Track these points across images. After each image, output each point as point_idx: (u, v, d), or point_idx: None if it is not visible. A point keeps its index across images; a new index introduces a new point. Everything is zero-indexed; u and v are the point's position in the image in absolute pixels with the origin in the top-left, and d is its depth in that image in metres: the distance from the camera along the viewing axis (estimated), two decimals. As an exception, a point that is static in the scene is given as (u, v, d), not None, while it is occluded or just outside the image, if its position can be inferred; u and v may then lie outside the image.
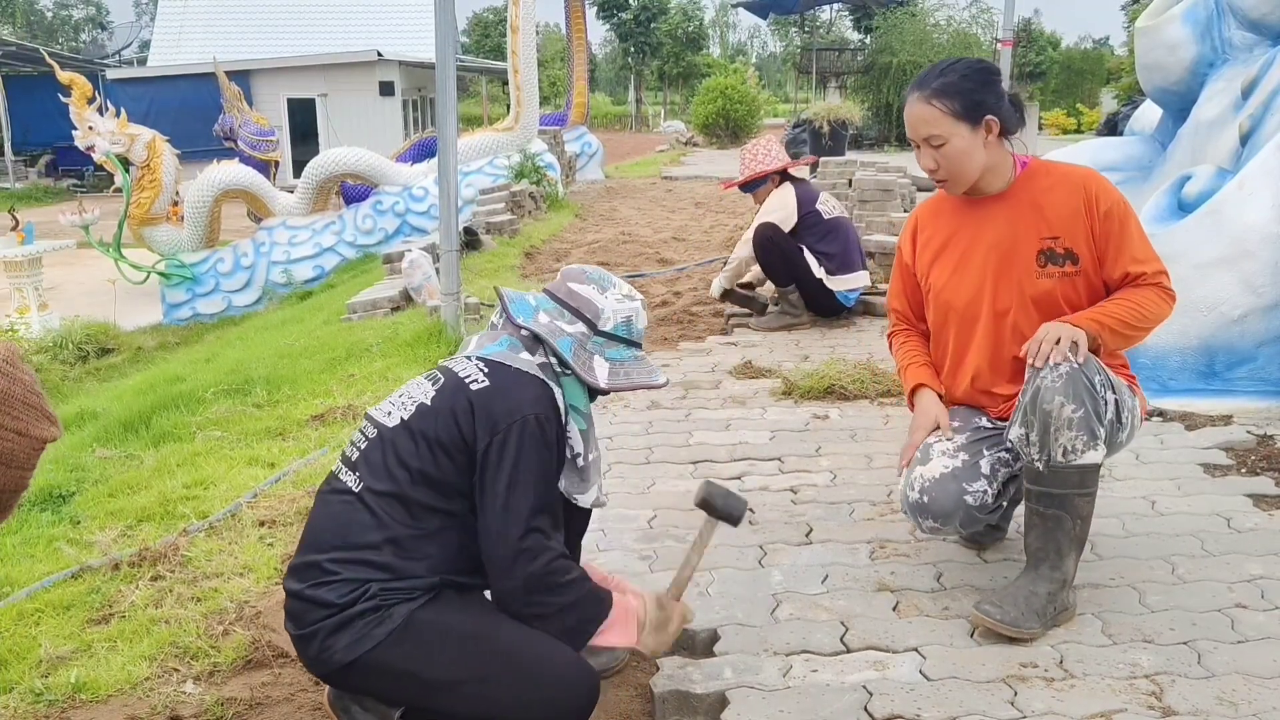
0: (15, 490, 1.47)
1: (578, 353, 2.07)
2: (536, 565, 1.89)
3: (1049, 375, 2.27)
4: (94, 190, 21.01)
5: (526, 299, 2.16)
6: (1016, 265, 2.47)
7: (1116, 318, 2.37)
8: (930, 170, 2.50)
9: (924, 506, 2.47)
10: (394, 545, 1.92)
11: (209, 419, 4.55)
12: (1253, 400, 3.81)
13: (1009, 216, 2.50)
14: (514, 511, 1.90)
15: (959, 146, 2.43)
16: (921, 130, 2.46)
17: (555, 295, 2.14)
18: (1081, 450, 2.28)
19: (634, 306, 2.15)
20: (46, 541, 3.15)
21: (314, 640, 1.90)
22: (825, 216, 5.41)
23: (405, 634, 1.88)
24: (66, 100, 10.61)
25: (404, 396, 2.07)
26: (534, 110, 13.06)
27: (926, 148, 2.47)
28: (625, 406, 4.26)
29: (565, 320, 2.10)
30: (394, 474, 1.96)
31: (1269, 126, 4.12)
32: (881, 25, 27.25)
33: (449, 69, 5.22)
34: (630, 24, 47.83)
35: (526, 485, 1.91)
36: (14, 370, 1.45)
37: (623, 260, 8.04)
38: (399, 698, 1.98)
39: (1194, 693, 2.09)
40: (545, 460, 1.97)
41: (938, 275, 2.61)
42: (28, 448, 1.44)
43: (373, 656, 1.87)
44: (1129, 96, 21.84)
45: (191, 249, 11.00)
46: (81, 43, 51.47)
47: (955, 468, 2.47)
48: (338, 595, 1.89)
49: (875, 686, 2.14)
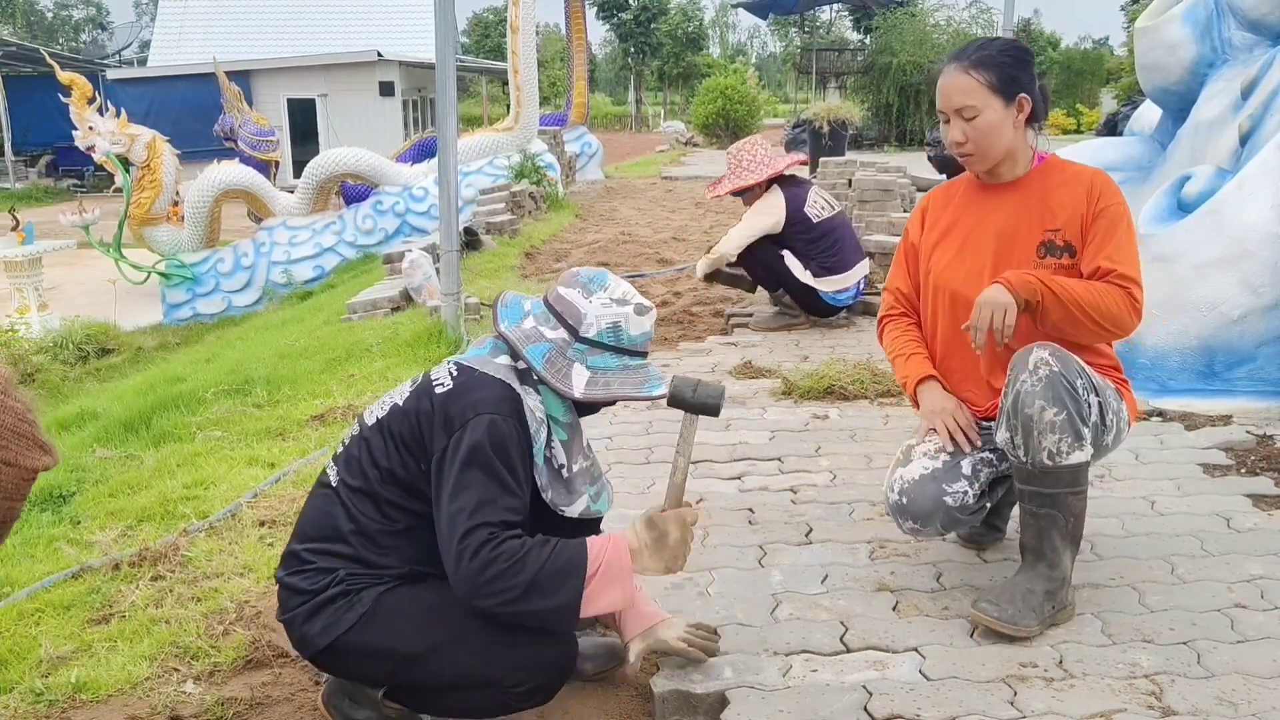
0: (5, 521, 1.44)
1: (554, 360, 2.01)
2: (475, 560, 1.84)
3: (1028, 379, 2.26)
4: (94, 190, 21.02)
5: (522, 303, 2.14)
6: (1016, 254, 2.47)
7: (1067, 290, 2.31)
8: (958, 143, 2.48)
9: (903, 508, 2.47)
10: (364, 538, 1.98)
11: (209, 419, 4.55)
12: (1252, 400, 3.81)
13: (1017, 206, 2.49)
14: (457, 516, 1.87)
15: (990, 120, 2.42)
16: (956, 100, 2.44)
17: (547, 299, 2.12)
18: (1068, 451, 2.28)
19: (623, 312, 2.05)
20: (47, 541, 3.16)
21: (294, 626, 2.00)
22: (815, 220, 5.31)
23: (375, 615, 1.94)
24: (67, 100, 10.62)
25: (387, 396, 2.11)
26: (534, 110, 13.06)
27: (957, 119, 2.45)
28: (625, 406, 4.26)
29: (549, 326, 2.05)
30: (366, 472, 2.00)
31: (1269, 126, 4.12)
32: (881, 25, 27.27)
33: (449, 69, 5.22)
34: (630, 24, 47.84)
35: (473, 489, 1.88)
36: (4, 399, 1.40)
37: (623, 260, 8.04)
38: (380, 675, 2.01)
39: (1194, 693, 2.09)
40: (498, 463, 1.91)
41: (939, 256, 2.60)
42: (16, 478, 1.40)
43: (348, 639, 1.94)
44: (1129, 96, 21.82)
45: (192, 249, 11.01)
46: (81, 43, 51.49)
47: (935, 469, 2.46)
48: (310, 583, 1.97)
49: (875, 686, 2.14)
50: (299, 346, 6.25)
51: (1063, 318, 2.34)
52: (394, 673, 1.99)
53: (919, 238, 2.69)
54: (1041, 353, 2.29)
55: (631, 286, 2.14)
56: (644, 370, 2.10)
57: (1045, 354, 2.28)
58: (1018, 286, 2.31)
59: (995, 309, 2.29)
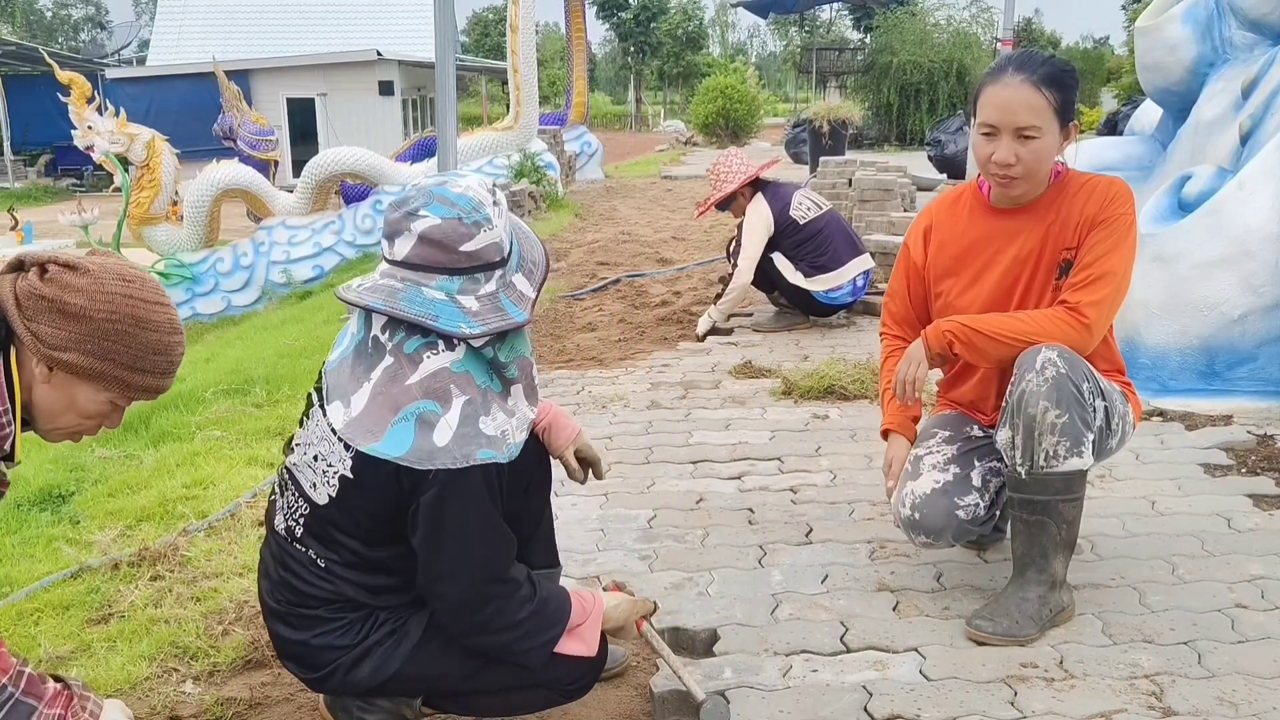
0: (184, 353, 1.81)
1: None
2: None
3: (1035, 379, 2.22)
4: (93, 190, 21.01)
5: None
6: (1037, 281, 2.38)
7: (1000, 329, 2.29)
8: (1005, 165, 2.27)
9: (916, 523, 2.44)
10: (386, 593, 1.88)
11: (209, 419, 4.55)
12: (1253, 400, 3.81)
13: (1035, 230, 2.37)
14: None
15: (1049, 144, 2.26)
16: (1023, 117, 2.22)
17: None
18: (1064, 456, 2.25)
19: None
20: (46, 541, 3.15)
21: (333, 677, 1.87)
22: (802, 222, 5.29)
23: (427, 643, 1.85)
24: (66, 100, 10.60)
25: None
26: (534, 110, 13.06)
27: (1013, 139, 2.24)
28: (625, 406, 4.26)
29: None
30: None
31: (1269, 126, 4.12)
32: (881, 25, 27.23)
33: (449, 69, 5.22)
34: (630, 24, 47.86)
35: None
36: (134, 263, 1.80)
37: (623, 260, 8.04)
38: (434, 690, 1.96)
39: (1194, 693, 2.09)
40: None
41: (953, 286, 2.50)
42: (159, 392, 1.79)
43: (401, 673, 1.85)
44: (1129, 96, 21.81)
45: (191, 249, 11.00)
46: (81, 42, 51.49)
47: (946, 482, 2.44)
48: (351, 638, 1.85)
49: (875, 686, 2.14)
50: (299, 346, 6.25)
51: (1003, 354, 2.32)
52: (446, 689, 1.93)
53: (922, 259, 2.57)
54: (1050, 353, 2.24)
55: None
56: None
57: (1053, 354, 2.23)
58: (929, 339, 2.36)
59: (909, 363, 2.38)
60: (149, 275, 1.80)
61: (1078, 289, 2.30)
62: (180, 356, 1.79)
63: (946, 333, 2.34)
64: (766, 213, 5.30)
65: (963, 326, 2.33)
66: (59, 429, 1.76)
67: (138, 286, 1.72)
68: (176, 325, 1.77)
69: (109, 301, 1.68)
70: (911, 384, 2.39)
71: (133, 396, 1.77)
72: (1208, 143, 4.60)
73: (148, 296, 1.73)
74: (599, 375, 4.79)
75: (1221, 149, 4.43)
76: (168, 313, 1.75)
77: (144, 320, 1.71)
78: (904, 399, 2.44)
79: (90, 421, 1.77)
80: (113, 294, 1.68)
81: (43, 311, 1.66)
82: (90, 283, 1.68)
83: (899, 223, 7.23)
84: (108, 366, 1.69)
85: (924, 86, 24.86)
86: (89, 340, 1.67)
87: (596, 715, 2.18)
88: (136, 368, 1.72)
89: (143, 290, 1.72)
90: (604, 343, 5.41)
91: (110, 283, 1.69)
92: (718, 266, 7.25)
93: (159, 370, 1.75)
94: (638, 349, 5.26)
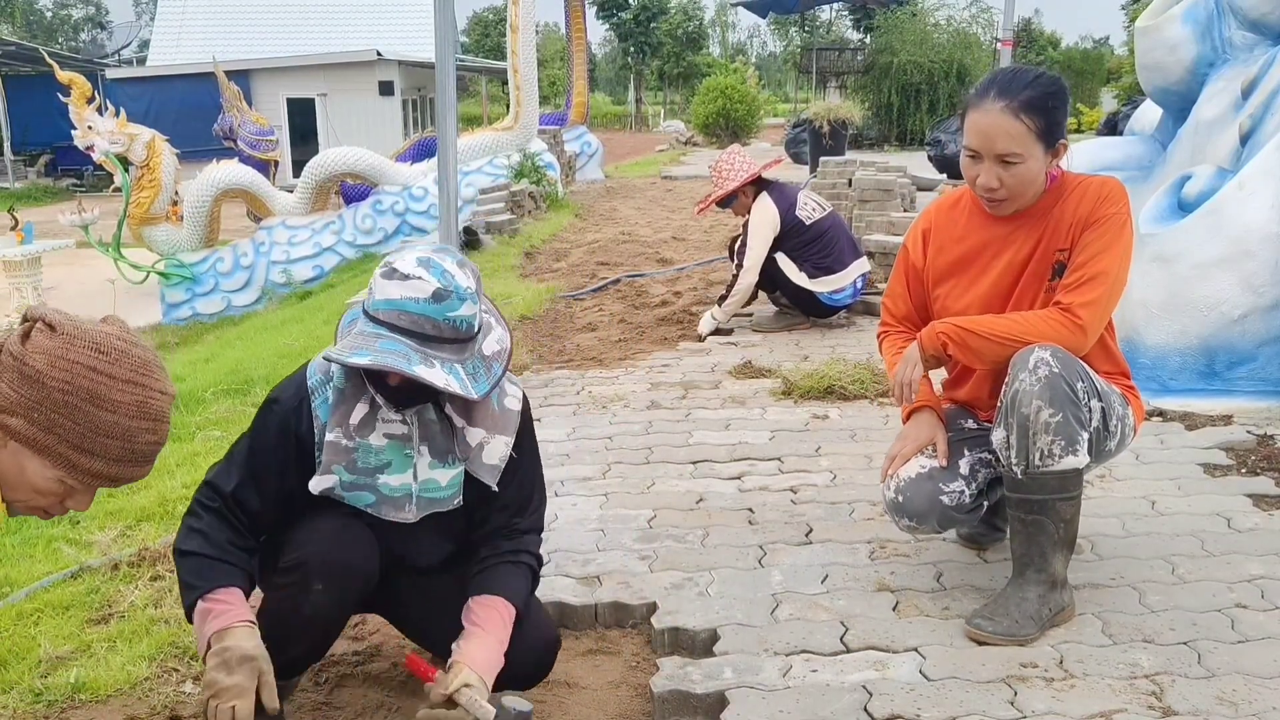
0: (161, 444, 1.67)
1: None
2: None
3: (1028, 378, 2.23)
4: (93, 190, 20.99)
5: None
6: (1033, 284, 2.40)
7: (993, 330, 2.30)
8: (989, 189, 2.31)
9: (899, 505, 2.47)
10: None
11: (209, 419, 4.55)
12: (1253, 400, 3.81)
13: (1030, 234, 2.38)
14: None
15: (1032, 169, 2.28)
16: (1001, 145, 2.25)
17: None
18: (1059, 455, 2.25)
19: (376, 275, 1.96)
20: (46, 541, 3.15)
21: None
22: (808, 223, 5.29)
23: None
24: (66, 100, 10.60)
25: None
26: (534, 110, 13.05)
27: (994, 164, 2.28)
28: (625, 406, 4.26)
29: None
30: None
31: (1269, 126, 4.12)
32: (881, 25, 27.23)
33: (449, 69, 5.22)
34: (630, 24, 47.81)
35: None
36: (138, 337, 1.66)
37: (623, 260, 8.04)
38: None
39: (1194, 693, 2.09)
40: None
41: (950, 290, 2.51)
42: (168, 404, 1.66)
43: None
44: (1129, 96, 21.84)
45: (191, 249, 11.00)
46: (81, 42, 51.46)
47: (932, 467, 2.45)
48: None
49: (875, 686, 2.14)
50: (298, 346, 6.25)
51: (997, 355, 2.32)
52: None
53: (921, 261, 2.58)
54: (1042, 353, 2.24)
55: (431, 256, 1.91)
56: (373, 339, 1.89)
57: (1046, 354, 2.24)
58: (924, 342, 2.38)
59: (905, 365, 2.41)
60: (139, 353, 1.62)
61: (1071, 290, 2.31)
62: (149, 446, 1.62)
63: (940, 334, 2.36)
64: (773, 212, 5.29)
65: (956, 328, 2.35)
66: (20, 501, 1.62)
67: (110, 360, 1.56)
68: (149, 411, 1.60)
69: (67, 370, 1.53)
70: (908, 386, 2.42)
71: (84, 481, 1.60)
72: (1208, 143, 4.59)
73: (117, 373, 1.56)
74: (599, 375, 4.79)
75: (1221, 149, 4.43)
76: (140, 395, 1.58)
77: (100, 398, 1.55)
78: (901, 401, 2.47)
79: (45, 499, 1.62)
80: (74, 363, 1.54)
81: (6, 370, 1.54)
82: (57, 346, 1.54)
83: (899, 223, 7.22)
84: (51, 440, 1.54)
85: (924, 87, 24.85)
86: (36, 409, 1.53)
87: (596, 715, 2.18)
88: (83, 448, 1.56)
89: (115, 366, 1.57)
90: (604, 343, 5.41)
91: (79, 351, 1.54)
92: (718, 266, 7.25)
93: (111, 456, 1.58)
94: (638, 349, 5.26)
